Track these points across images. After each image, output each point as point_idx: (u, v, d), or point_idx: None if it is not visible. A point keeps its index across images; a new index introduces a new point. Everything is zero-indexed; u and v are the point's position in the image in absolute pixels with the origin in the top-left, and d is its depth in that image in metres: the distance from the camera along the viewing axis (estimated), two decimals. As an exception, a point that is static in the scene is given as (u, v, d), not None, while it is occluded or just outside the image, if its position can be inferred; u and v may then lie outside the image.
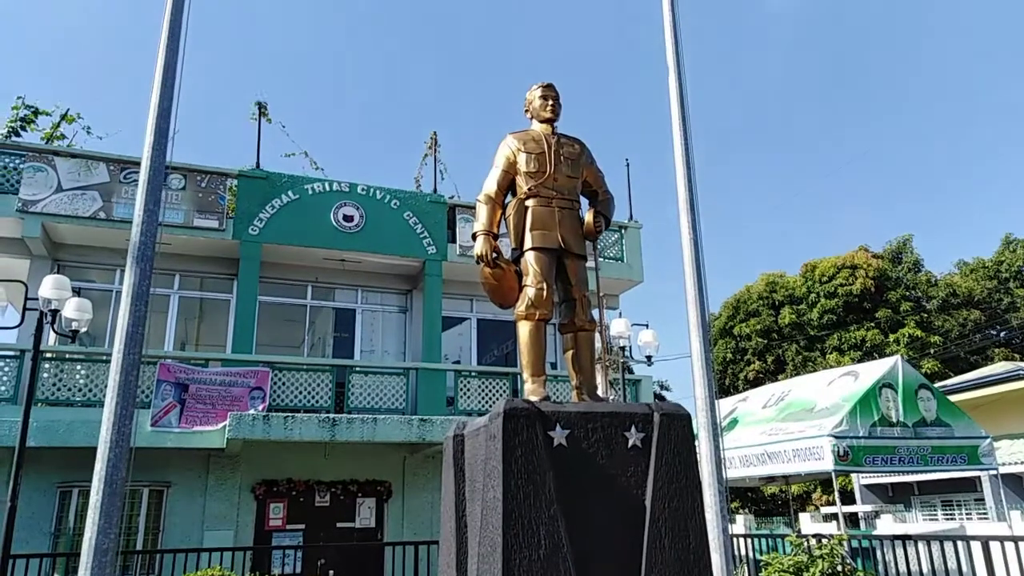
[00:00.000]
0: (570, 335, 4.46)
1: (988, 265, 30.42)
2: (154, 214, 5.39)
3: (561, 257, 4.43)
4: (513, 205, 4.49)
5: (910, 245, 31.34)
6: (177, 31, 5.87)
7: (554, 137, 4.68)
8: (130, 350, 5.09)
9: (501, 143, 4.68)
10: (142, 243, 5.24)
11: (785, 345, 29.92)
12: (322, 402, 12.18)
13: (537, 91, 4.81)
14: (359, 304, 14.83)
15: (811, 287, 30.06)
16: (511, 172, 4.55)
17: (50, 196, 11.90)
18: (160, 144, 5.47)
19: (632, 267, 15.67)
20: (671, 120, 7.23)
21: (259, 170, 13.41)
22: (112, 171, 12.38)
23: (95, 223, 12.13)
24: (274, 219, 13.19)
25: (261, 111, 13.97)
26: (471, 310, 15.50)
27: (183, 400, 11.24)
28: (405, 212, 14.13)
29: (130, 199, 12.05)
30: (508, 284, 4.42)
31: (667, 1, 7.68)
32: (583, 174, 4.71)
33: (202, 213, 12.71)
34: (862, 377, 10.72)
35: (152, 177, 5.40)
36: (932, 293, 29.27)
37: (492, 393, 13.41)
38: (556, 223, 4.42)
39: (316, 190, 13.61)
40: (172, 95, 5.66)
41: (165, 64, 5.74)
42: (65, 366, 11.29)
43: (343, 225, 13.56)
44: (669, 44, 7.66)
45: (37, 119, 13.48)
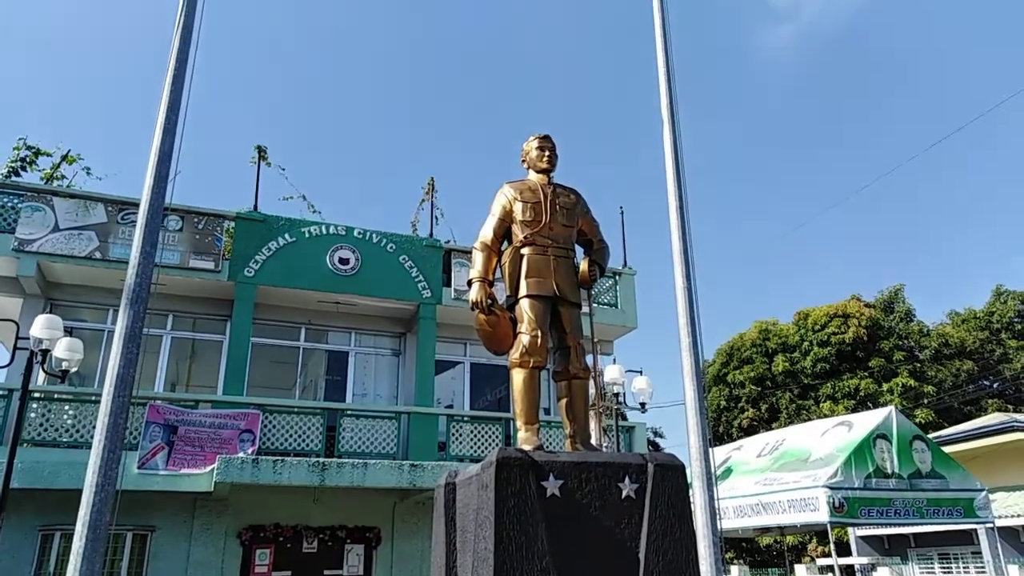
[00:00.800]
0: (564, 383, 4.45)
1: (980, 316, 30.59)
2: (150, 257, 5.41)
3: (556, 305, 4.45)
4: (509, 253, 4.53)
5: (901, 295, 31.56)
6: (182, 75, 5.97)
7: (550, 187, 4.75)
8: (120, 392, 5.05)
9: (498, 192, 4.75)
10: (137, 285, 5.25)
11: (779, 393, 29.84)
12: (312, 446, 12.04)
13: (534, 142, 4.89)
14: (352, 347, 14.78)
15: (804, 335, 30.13)
16: (507, 220, 4.60)
17: (47, 235, 11.92)
18: (159, 188, 5.52)
19: (626, 313, 15.71)
20: (666, 171, 7.35)
21: (257, 212, 13.49)
22: (110, 211, 12.44)
23: (90, 263, 12.14)
24: (270, 261, 13.22)
25: (261, 155, 14.12)
26: (465, 354, 15.45)
27: (171, 442, 11.10)
28: (401, 256, 14.19)
29: (127, 239, 12.08)
30: (503, 331, 4.43)
31: (661, 57, 7.88)
32: (578, 223, 4.77)
33: (198, 254, 12.74)
34: (856, 427, 10.69)
35: (150, 220, 5.44)
36: (925, 343, 29.37)
37: (485, 438, 13.29)
38: (551, 271, 4.45)
39: (313, 233, 13.68)
40: (174, 139, 5.73)
41: (168, 106, 5.83)
42: (53, 406, 11.16)
43: (339, 268, 13.59)
44: (664, 98, 7.84)
45: (38, 160, 13.60)
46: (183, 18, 5.74)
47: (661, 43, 8.04)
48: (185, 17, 5.75)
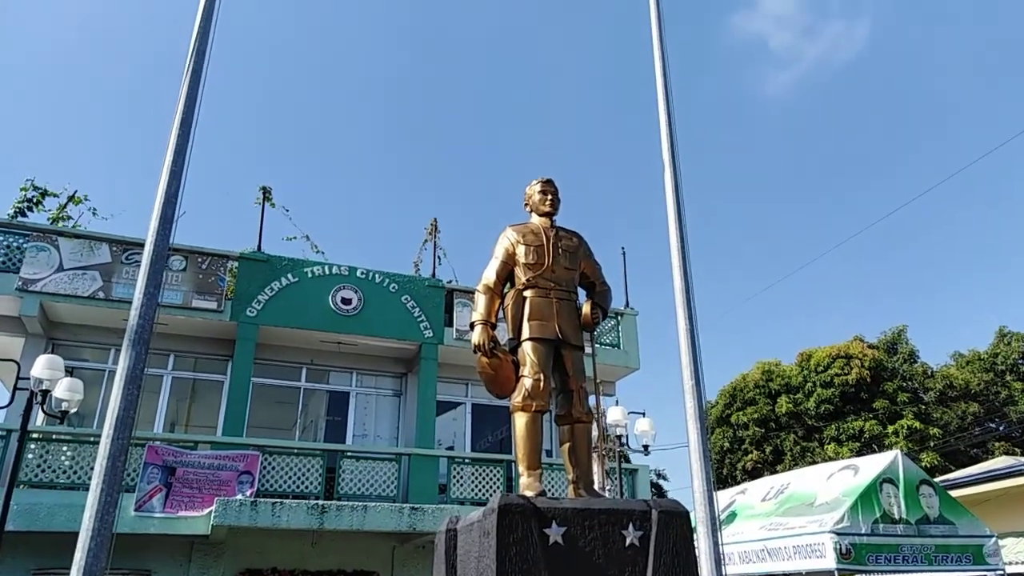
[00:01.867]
0: (567, 427, 4.43)
1: (984, 357, 30.44)
2: (153, 298, 5.42)
3: (559, 348, 4.45)
4: (511, 296, 4.54)
5: (904, 336, 31.44)
6: (189, 120, 6.06)
7: (553, 230, 4.79)
8: (119, 434, 5.01)
9: (501, 235, 4.78)
10: (139, 327, 5.25)
11: (783, 434, 29.56)
12: (312, 488, 11.90)
13: (537, 186, 4.95)
14: (353, 387, 14.71)
15: (807, 376, 29.96)
16: (510, 263, 4.63)
17: (50, 275, 11.97)
18: (164, 230, 5.56)
19: (629, 354, 15.65)
20: (667, 213, 7.40)
21: (260, 253, 13.56)
22: (114, 252, 12.51)
23: (93, 303, 12.16)
24: (272, 301, 13.24)
25: (265, 196, 14.25)
26: (466, 395, 15.37)
27: (169, 484, 10.98)
28: (403, 296, 14.21)
29: (130, 279, 12.13)
30: (505, 374, 4.42)
31: (662, 102, 7.99)
32: (581, 266, 4.79)
33: (201, 294, 12.77)
34: (862, 471, 10.55)
35: (154, 261, 5.46)
36: (929, 385, 29.17)
37: (486, 481, 13.13)
38: (554, 314, 4.46)
39: (316, 273, 13.73)
40: (179, 182, 5.79)
41: (175, 150, 5.90)
42: (51, 447, 11.07)
43: (341, 308, 13.61)
44: (665, 141, 7.92)
45: (44, 200, 13.73)
46: (192, 65, 5.86)
47: (662, 88, 8.16)
48: (194, 65, 5.86)
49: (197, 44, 6.18)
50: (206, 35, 6.12)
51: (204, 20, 6.39)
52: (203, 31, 6.29)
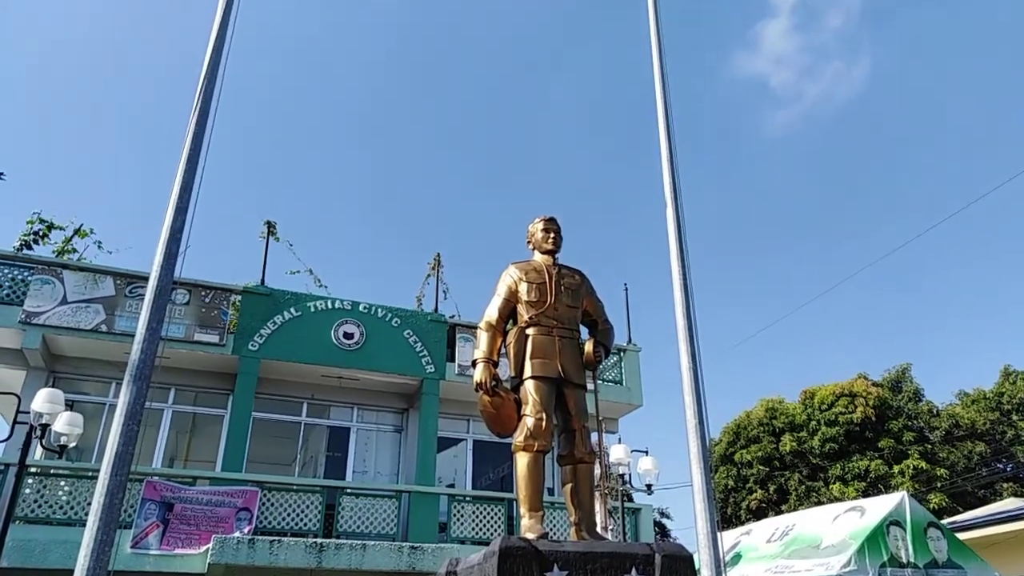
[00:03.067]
0: (569, 467, 4.38)
1: (989, 396, 30.18)
2: (156, 333, 5.41)
3: (561, 386, 4.42)
4: (514, 333, 4.53)
5: (909, 374, 31.24)
6: (196, 156, 6.11)
7: (555, 268, 4.79)
8: (118, 471, 4.96)
9: (503, 272, 4.79)
10: (141, 362, 5.22)
11: (787, 473, 29.21)
12: (310, 525, 11.75)
13: (539, 224, 4.97)
14: (354, 422, 14.61)
15: (811, 414, 29.71)
16: (512, 300, 4.63)
17: (54, 308, 11.99)
18: (169, 264, 5.57)
19: (631, 390, 15.55)
20: (669, 251, 7.41)
21: (263, 287, 13.59)
22: (118, 285, 12.55)
23: (95, 336, 12.16)
24: (275, 335, 13.23)
25: (270, 230, 14.33)
26: (467, 431, 15.25)
27: (167, 520, 10.85)
28: (405, 330, 14.19)
29: (133, 313, 12.14)
30: (507, 413, 4.39)
31: (664, 139, 8.06)
32: (583, 304, 4.79)
33: (203, 328, 12.77)
34: (868, 513, 10.40)
35: (157, 296, 5.46)
36: (935, 424, 28.90)
37: (487, 520, 12.96)
38: (556, 352, 4.45)
39: (318, 307, 13.73)
40: (185, 218, 5.82)
41: (182, 186, 5.94)
42: (48, 481, 10.97)
43: (343, 342, 13.58)
44: (667, 178, 7.97)
45: (51, 233, 13.82)
46: (199, 104, 5.93)
47: (663, 125, 8.22)
48: (202, 104, 5.94)
49: (205, 83, 6.27)
50: (214, 73, 6.21)
51: (214, 56, 6.49)
52: (212, 69, 6.38)
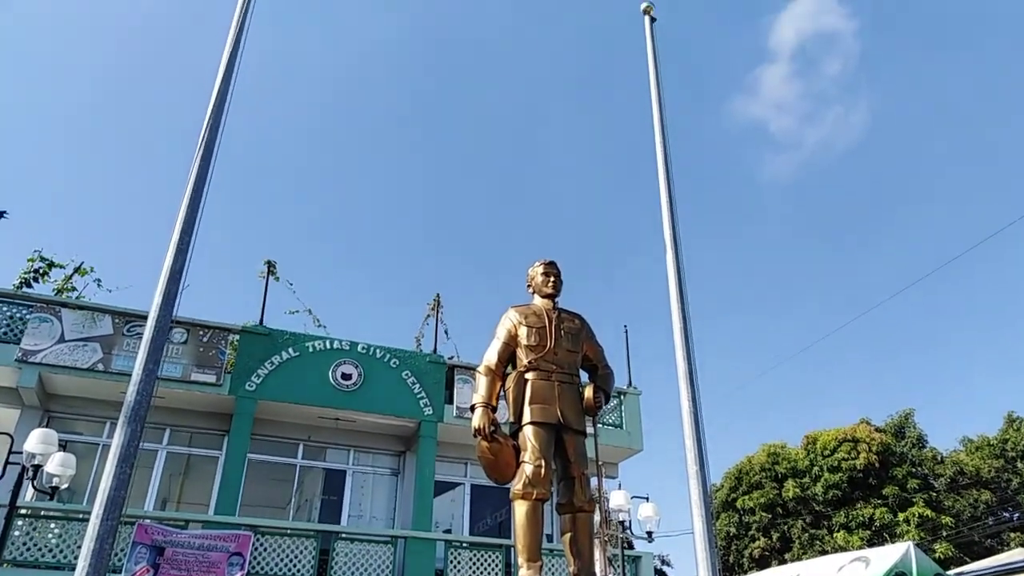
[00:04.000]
0: (568, 516, 4.29)
1: (993, 443, 29.87)
2: (153, 374, 5.36)
3: (560, 432, 4.36)
4: (513, 378, 4.49)
5: (912, 419, 30.97)
6: (199, 195, 6.14)
7: (555, 312, 4.77)
8: (109, 515, 4.86)
9: (503, 316, 4.76)
10: (136, 403, 5.16)
11: (790, 521, 28.75)
12: (304, 571, 11.51)
13: (539, 267, 4.96)
14: (350, 465, 14.42)
15: (814, 460, 29.37)
16: (512, 345, 4.60)
17: (51, 346, 11.94)
18: (167, 305, 5.55)
19: (631, 435, 15.39)
20: (669, 295, 7.41)
21: (262, 326, 13.55)
22: (116, 323, 12.51)
23: (92, 375, 12.08)
24: (272, 375, 13.14)
25: (270, 269, 14.35)
26: (465, 474, 15.04)
27: (157, 564, 10.63)
28: (404, 371, 14.10)
29: (130, 352, 12.08)
30: (505, 459, 4.32)
31: (664, 183, 8.12)
32: (583, 348, 4.75)
33: (201, 367, 12.70)
34: (874, 563, 10.19)
35: (155, 336, 5.43)
36: (939, 471, 28.55)
37: (484, 567, 12.70)
38: (556, 397, 4.40)
39: (317, 347, 13.67)
40: (185, 258, 5.82)
41: (183, 227, 5.96)
42: (39, 523, 10.78)
43: (341, 383, 13.49)
44: (666, 223, 8.00)
45: (51, 272, 13.85)
46: (203, 147, 5.98)
47: (663, 169, 8.28)
48: (205, 147, 5.99)
49: (210, 123, 6.34)
50: (219, 114, 6.28)
51: (219, 98, 6.57)
52: (217, 110, 6.45)
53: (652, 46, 9.16)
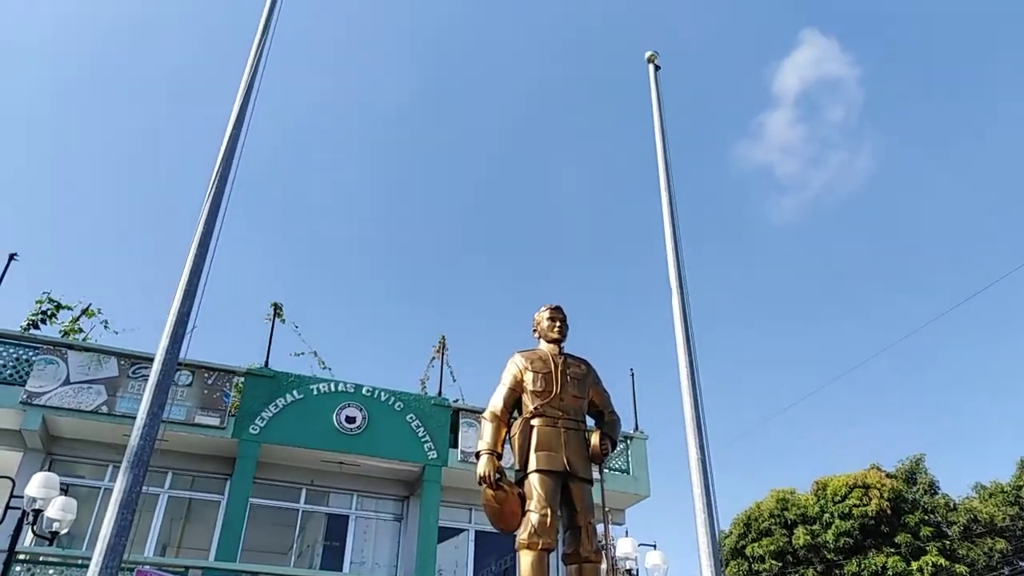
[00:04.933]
0: (575, 566, 4.22)
1: (1007, 490, 29.35)
2: (157, 418, 5.35)
3: (566, 480, 4.31)
4: (518, 424, 4.46)
5: (923, 465, 30.52)
6: (208, 239, 6.20)
7: (561, 357, 4.76)
8: (109, 562, 4.80)
9: (509, 361, 4.76)
10: (140, 448, 5.14)
11: (801, 569, 28.13)
12: (304, 620, 11.28)
13: (545, 312, 4.97)
14: (353, 510, 14.24)
15: (824, 506, 28.86)
16: (517, 390, 4.58)
17: (56, 388, 11.92)
18: (174, 349, 5.56)
19: (638, 480, 15.18)
20: (675, 338, 7.38)
21: (267, 368, 13.52)
22: (122, 366, 12.51)
23: (96, 417, 12.03)
24: (276, 418, 13.07)
25: (276, 312, 14.38)
26: (469, 520, 14.82)
27: (155, 612, 10.44)
28: (408, 415, 14.01)
29: (135, 394, 12.06)
30: (510, 508, 4.26)
31: (668, 227, 8.16)
32: (589, 394, 4.73)
33: (205, 410, 12.65)
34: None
35: (161, 380, 5.42)
36: (952, 518, 28.01)
37: (488, 616, 12.43)
38: (562, 444, 4.36)
39: (321, 390, 13.62)
40: (193, 302, 5.85)
41: (191, 271, 6.00)
42: (37, 569, 10.61)
43: (345, 427, 13.40)
44: (672, 265, 8.02)
45: (59, 313, 13.92)
46: (212, 196, 6.06)
47: (668, 214, 8.34)
48: (214, 196, 6.06)
49: (220, 169, 6.43)
50: (229, 161, 6.38)
51: (230, 145, 6.68)
52: (227, 158, 6.55)
53: (656, 93, 9.31)
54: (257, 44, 7.00)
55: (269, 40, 7.12)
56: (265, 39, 7.09)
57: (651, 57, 9.71)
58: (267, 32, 7.20)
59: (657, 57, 9.77)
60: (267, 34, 7.11)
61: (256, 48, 7.29)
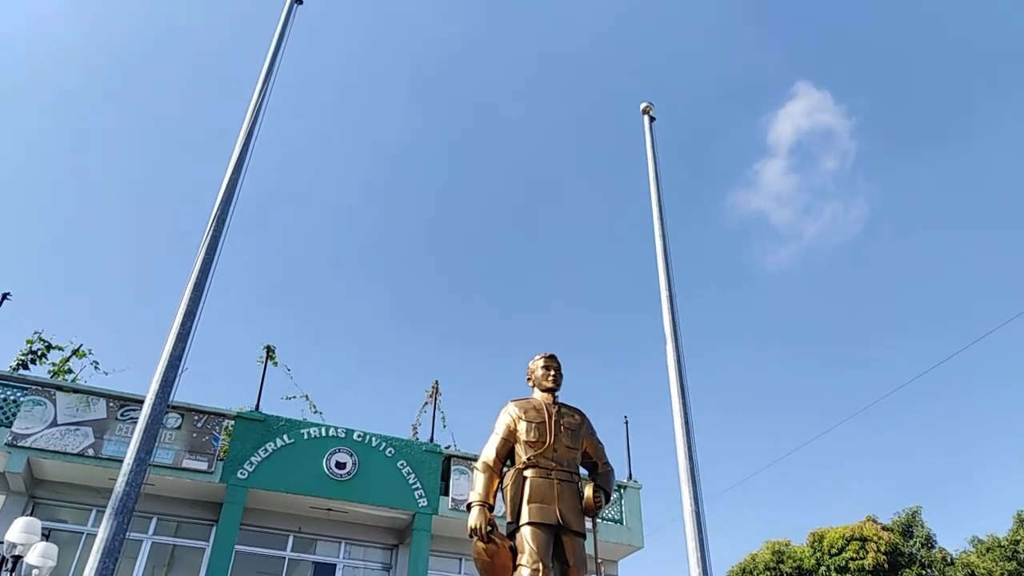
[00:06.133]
0: (566, 622, 4.12)
1: (1004, 544, 28.97)
2: (144, 462, 5.27)
3: (559, 533, 4.24)
4: (511, 475, 4.40)
5: (919, 517, 30.15)
6: (203, 282, 6.19)
7: (555, 407, 4.73)
8: (88, 614, 4.68)
9: (502, 410, 4.72)
10: (125, 494, 5.05)
11: (798, 624, 27.53)
12: (287, 674, 10.94)
13: (540, 361, 4.95)
14: (341, 558, 13.93)
15: (820, 559, 28.40)
16: (511, 440, 4.53)
17: (43, 430, 11.75)
18: (164, 393, 5.51)
19: (632, 530, 14.94)
20: (670, 388, 7.35)
21: (257, 412, 13.38)
22: (111, 407, 12.36)
23: (81, 460, 11.83)
24: (265, 463, 12.88)
25: (269, 355, 14.29)
26: (460, 571, 14.50)
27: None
28: (399, 461, 13.82)
29: (122, 437, 11.90)
30: (501, 561, 4.18)
31: (663, 276, 8.20)
32: (583, 445, 4.69)
33: (193, 454, 12.46)
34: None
35: (149, 425, 5.36)
36: (950, 573, 27.57)
37: (477, 671, 12.07)
38: (555, 496, 4.30)
39: (312, 435, 13.46)
40: (185, 345, 5.82)
41: (186, 312, 5.98)
42: (13, 618, 10.32)
43: (335, 472, 13.20)
44: (666, 314, 8.04)
45: (49, 353, 13.80)
46: (208, 241, 6.08)
47: (662, 262, 8.40)
48: (211, 238, 6.08)
49: (218, 215, 6.46)
50: (227, 207, 6.41)
51: (228, 189, 6.73)
52: (225, 200, 6.59)
53: (651, 144, 9.45)
54: (259, 91, 7.11)
55: (270, 88, 7.24)
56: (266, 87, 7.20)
57: (646, 108, 9.89)
58: (268, 80, 7.32)
59: (652, 108, 9.95)
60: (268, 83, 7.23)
61: (258, 94, 7.40)
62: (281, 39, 8.13)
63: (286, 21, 8.39)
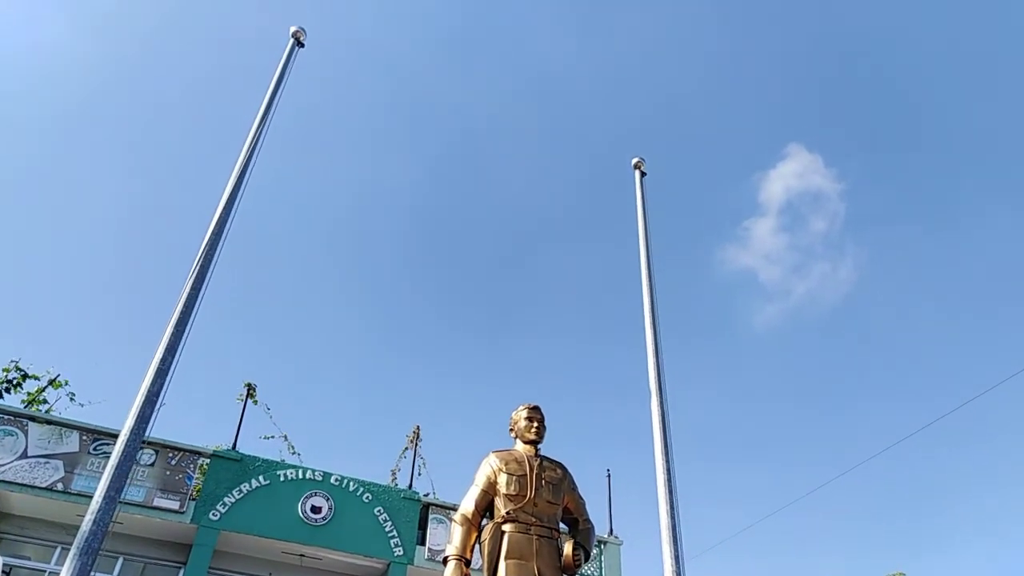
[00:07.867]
0: None
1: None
2: (113, 501, 5.14)
3: (536, 591, 4.13)
4: (489, 530, 4.31)
5: (902, 584, 29.75)
6: (187, 317, 6.13)
7: (537, 459, 4.66)
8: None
9: (483, 461, 4.64)
10: (91, 533, 4.90)
11: None
12: None
13: (523, 412, 4.89)
14: (311, 607, 13.51)
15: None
16: (490, 492, 4.45)
17: (12, 462, 11.45)
18: (139, 429, 5.40)
19: (611, 588, 14.62)
20: (653, 443, 7.28)
21: (234, 451, 13.12)
22: (83, 441, 12.09)
23: (50, 494, 11.51)
24: (239, 504, 12.57)
25: (249, 392, 14.09)
26: (434, 626, 14.09)
27: None
28: (376, 507, 13.53)
29: (94, 472, 11.60)
30: (477, 619, 4.07)
31: (650, 332, 8.20)
32: (564, 500, 4.60)
33: (165, 492, 12.15)
34: None
35: (121, 462, 5.24)
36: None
37: None
38: (533, 553, 4.20)
39: (288, 477, 13.18)
40: (164, 380, 5.72)
41: (167, 347, 5.89)
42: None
43: (310, 516, 12.90)
44: (652, 370, 8.01)
45: (24, 382, 13.54)
46: (194, 277, 6.04)
47: (649, 317, 8.40)
48: (196, 278, 6.05)
49: (206, 250, 6.44)
50: (215, 244, 6.39)
51: (217, 227, 6.71)
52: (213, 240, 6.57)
53: (642, 199, 9.56)
54: (254, 132, 7.16)
55: (266, 128, 7.30)
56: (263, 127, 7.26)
57: (637, 164, 10.03)
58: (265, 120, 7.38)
59: (644, 164, 10.09)
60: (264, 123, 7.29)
61: (254, 132, 7.45)
62: (281, 79, 8.23)
63: (287, 62, 8.51)
